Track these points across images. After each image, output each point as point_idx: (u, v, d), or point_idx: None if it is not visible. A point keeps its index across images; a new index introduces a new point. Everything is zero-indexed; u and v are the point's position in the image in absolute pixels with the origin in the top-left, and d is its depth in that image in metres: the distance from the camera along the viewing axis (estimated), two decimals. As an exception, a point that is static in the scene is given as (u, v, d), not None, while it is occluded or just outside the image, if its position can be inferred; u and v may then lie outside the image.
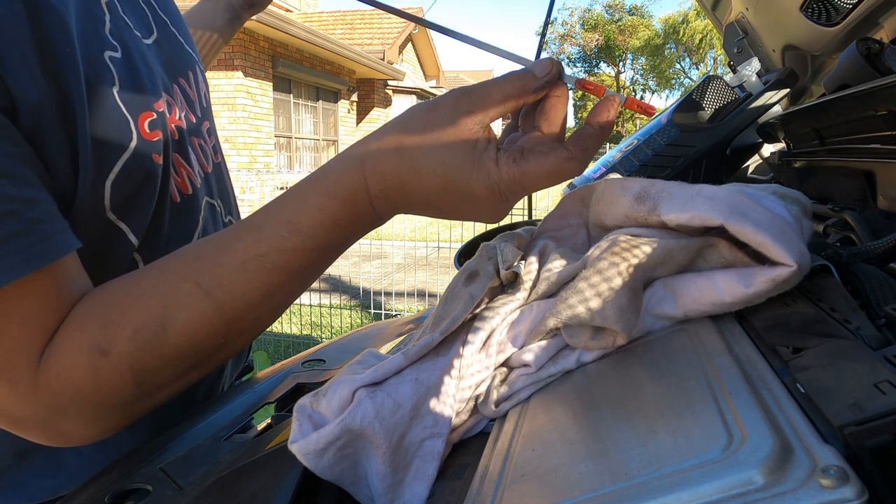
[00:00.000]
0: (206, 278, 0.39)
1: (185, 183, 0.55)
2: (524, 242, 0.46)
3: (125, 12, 0.51)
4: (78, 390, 0.38)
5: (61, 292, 0.39)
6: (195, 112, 0.59)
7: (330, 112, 11.57)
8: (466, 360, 0.37)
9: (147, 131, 0.48)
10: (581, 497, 0.24)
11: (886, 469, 0.20)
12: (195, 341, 0.40)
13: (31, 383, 0.38)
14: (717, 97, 0.87)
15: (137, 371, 0.39)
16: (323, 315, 3.90)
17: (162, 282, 0.40)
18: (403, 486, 0.35)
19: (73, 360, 0.38)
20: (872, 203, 0.55)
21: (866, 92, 0.49)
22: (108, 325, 0.39)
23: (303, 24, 9.40)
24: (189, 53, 0.61)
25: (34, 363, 0.38)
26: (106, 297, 0.41)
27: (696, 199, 0.34)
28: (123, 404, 0.41)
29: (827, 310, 0.31)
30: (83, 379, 0.38)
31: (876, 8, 0.68)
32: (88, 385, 0.38)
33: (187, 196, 0.56)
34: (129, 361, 0.39)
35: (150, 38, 0.54)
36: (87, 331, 0.39)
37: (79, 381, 0.38)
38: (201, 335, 0.40)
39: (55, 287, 0.39)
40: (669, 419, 0.26)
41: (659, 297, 0.36)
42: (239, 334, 0.42)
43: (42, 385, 0.38)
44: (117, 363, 0.38)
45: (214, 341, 0.41)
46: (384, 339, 0.69)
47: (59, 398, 0.38)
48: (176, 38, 0.59)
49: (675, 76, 29.47)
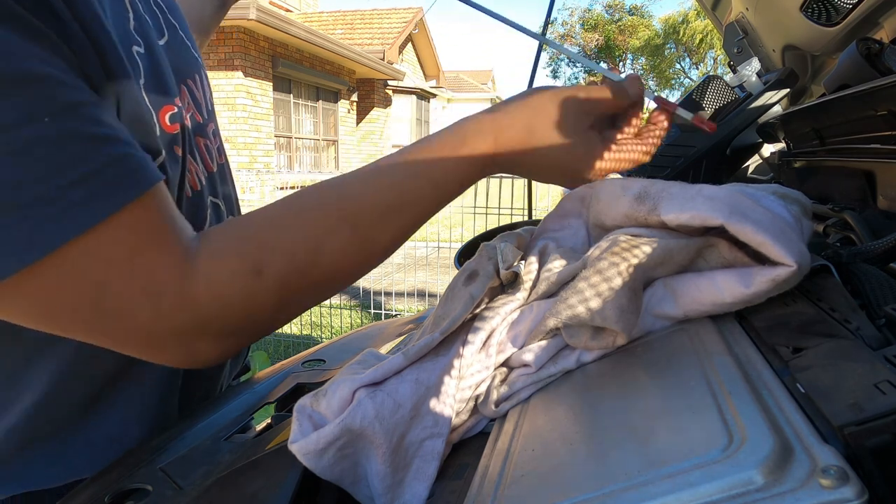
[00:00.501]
0: (352, 215, 0.45)
1: (194, 179, 0.57)
2: (524, 242, 0.46)
3: (144, 12, 0.52)
4: (225, 308, 0.41)
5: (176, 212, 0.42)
6: (202, 113, 0.61)
7: (330, 112, 11.57)
8: (466, 360, 0.37)
9: (168, 124, 0.50)
10: (581, 497, 0.24)
11: (886, 469, 0.20)
12: (340, 269, 0.45)
13: (177, 300, 0.39)
14: (717, 97, 0.87)
15: (285, 292, 0.43)
16: (323, 315, 3.90)
17: (311, 214, 0.45)
18: (403, 486, 0.35)
19: (227, 279, 0.41)
20: (872, 203, 0.55)
21: (866, 92, 0.49)
22: (265, 249, 0.42)
23: (303, 24, 9.41)
24: (195, 58, 0.62)
25: (178, 280, 0.39)
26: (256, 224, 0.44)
27: (696, 199, 0.34)
28: (258, 323, 0.44)
29: (827, 310, 0.31)
30: (234, 297, 0.41)
31: (876, 8, 0.68)
32: (238, 303, 0.41)
33: (196, 192, 0.57)
34: (281, 283, 0.42)
35: (162, 39, 0.55)
36: (243, 253, 0.42)
37: (230, 299, 0.41)
38: (346, 264, 0.45)
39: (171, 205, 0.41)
40: (669, 419, 0.26)
41: (659, 297, 0.36)
42: (368, 268, 0.48)
43: (189, 303, 0.40)
44: (270, 284, 0.42)
45: (352, 271, 0.46)
46: (384, 339, 0.69)
47: (205, 316, 0.40)
48: (184, 42, 0.60)
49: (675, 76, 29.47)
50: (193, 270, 0.40)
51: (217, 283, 0.40)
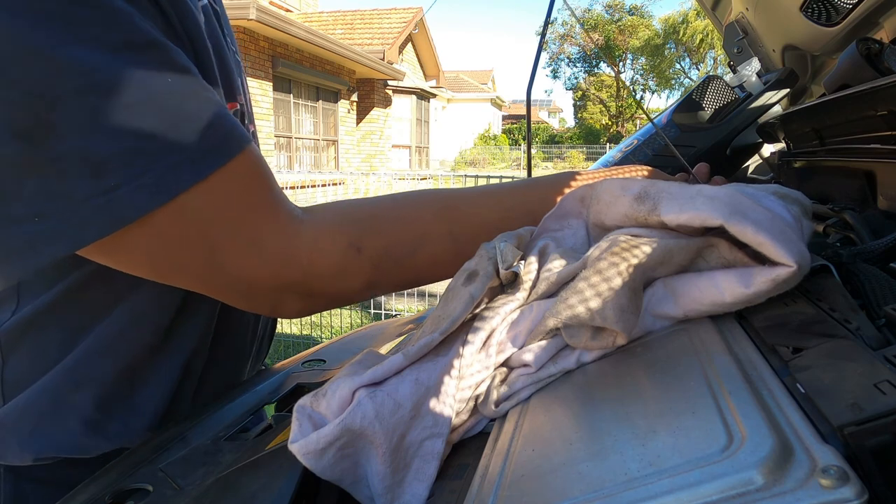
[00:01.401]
0: (456, 227, 0.48)
1: None
2: (524, 242, 0.46)
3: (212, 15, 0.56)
4: (322, 273, 0.44)
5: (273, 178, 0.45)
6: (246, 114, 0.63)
7: (330, 112, 11.56)
8: (466, 360, 0.37)
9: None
10: (581, 497, 0.24)
11: (886, 469, 0.20)
12: (431, 271, 0.48)
13: (282, 256, 0.43)
14: (717, 97, 0.87)
15: (377, 275, 0.46)
16: (323, 315, 3.90)
17: (417, 212, 0.48)
18: (403, 486, 0.35)
19: (329, 248, 0.44)
20: (872, 203, 0.55)
21: (866, 92, 0.50)
22: (369, 232, 0.46)
23: (303, 24, 9.40)
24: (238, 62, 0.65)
25: (284, 237, 0.43)
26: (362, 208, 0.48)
27: (696, 199, 0.34)
28: (344, 293, 0.47)
29: (827, 310, 0.31)
30: (332, 266, 0.44)
31: (876, 8, 0.68)
32: (332, 274, 0.44)
33: None
34: (375, 267, 0.45)
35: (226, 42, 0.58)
36: (346, 232, 0.45)
37: (328, 266, 0.44)
38: (438, 269, 0.48)
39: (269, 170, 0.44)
40: (669, 419, 0.26)
41: (659, 297, 0.36)
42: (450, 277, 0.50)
43: (292, 260, 0.43)
44: (365, 264, 0.45)
45: (438, 276, 0.49)
46: (384, 339, 0.69)
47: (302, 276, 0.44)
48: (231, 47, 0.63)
49: (675, 76, 29.46)
50: (298, 232, 0.43)
51: (320, 248, 0.44)
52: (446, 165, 20.73)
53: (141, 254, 0.40)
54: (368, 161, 13.03)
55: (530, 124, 0.89)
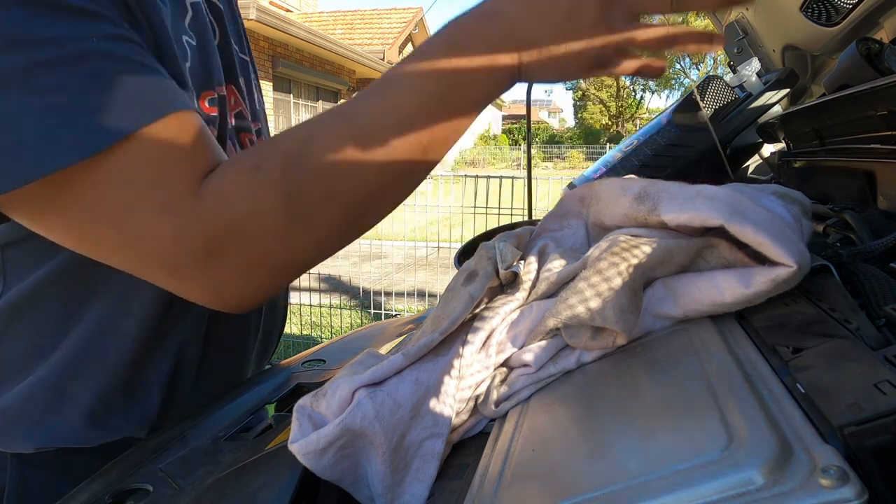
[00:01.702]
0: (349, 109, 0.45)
1: None
2: (524, 242, 0.46)
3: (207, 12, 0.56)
4: (236, 213, 0.42)
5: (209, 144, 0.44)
6: (250, 112, 0.63)
7: (330, 112, 11.55)
8: (466, 360, 0.37)
9: (206, 106, 0.53)
10: (581, 497, 0.24)
11: (886, 469, 0.20)
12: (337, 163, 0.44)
13: (193, 214, 0.41)
14: (717, 97, 0.87)
15: (288, 188, 0.43)
16: (323, 315, 3.90)
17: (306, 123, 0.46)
18: (403, 486, 0.35)
19: (231, 178, 0.43)
20: (872, 203, 0.55)
21: (866, 92, 0.50)
22: (262, 150, 0.45)
23: (303, 24, 9.40)
24: (247, 63, 0.65)
25: (195, 196, 0.41)
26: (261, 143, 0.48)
27: (696, 199, 0.34)
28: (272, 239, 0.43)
29: (827, 310, 0.31)
30: (240, 196, 0.42)
31: (876, 8, 0.68)
32: (244, 204, 0.42)
33: None
34: (281, 178, 0.43)
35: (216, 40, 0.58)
36: (244, 156, 0.45)
37: (236, 199, 0.42)
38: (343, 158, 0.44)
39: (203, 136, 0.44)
40: (669, 419, 0.26)
41: (659, 297, 0.36)
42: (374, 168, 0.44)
43: (202, 212, 0.41)
44: (269, 179, 0.42)
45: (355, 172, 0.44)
46: (384, 339, 0.69)
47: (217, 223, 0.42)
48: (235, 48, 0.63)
49: (675, 76, 29.45)
50: (203, 185, 0.42)
51: (222, 182, 0.42)
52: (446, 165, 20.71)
53: (56, 214, 0.40)
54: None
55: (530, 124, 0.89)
